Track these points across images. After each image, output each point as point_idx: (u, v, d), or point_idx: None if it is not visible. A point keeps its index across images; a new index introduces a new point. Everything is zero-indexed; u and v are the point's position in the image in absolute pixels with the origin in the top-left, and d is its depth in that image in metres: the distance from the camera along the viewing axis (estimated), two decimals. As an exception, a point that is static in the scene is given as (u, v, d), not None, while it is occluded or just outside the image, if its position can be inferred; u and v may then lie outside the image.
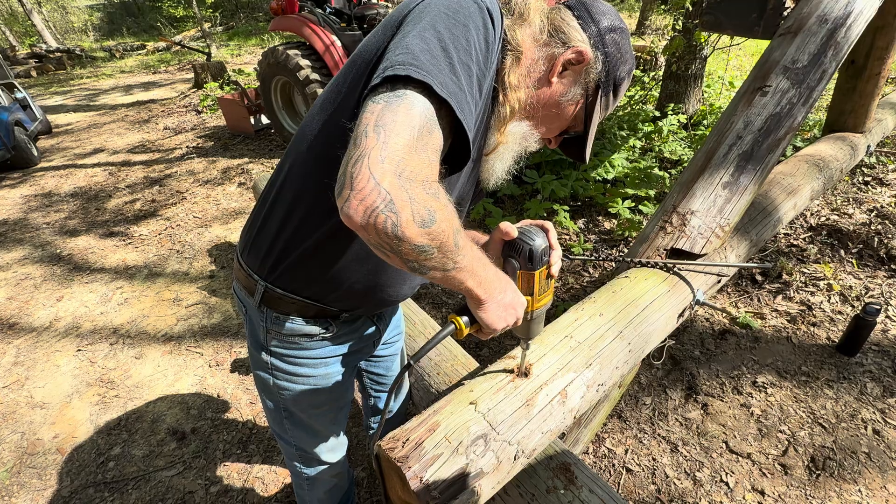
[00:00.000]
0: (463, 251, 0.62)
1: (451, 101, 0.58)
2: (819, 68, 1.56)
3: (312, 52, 4.43)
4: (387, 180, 0.52)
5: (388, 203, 0.52)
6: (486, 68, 0.67)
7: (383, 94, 0.57)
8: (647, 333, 1.24)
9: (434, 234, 0.56)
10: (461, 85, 0.60)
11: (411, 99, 0.56)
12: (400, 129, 0.54)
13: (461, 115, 0.59)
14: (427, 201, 0.55)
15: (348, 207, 0.53)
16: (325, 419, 1.05)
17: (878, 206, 2.96)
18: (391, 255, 0.58)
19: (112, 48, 15.75)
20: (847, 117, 2.63)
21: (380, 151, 0.53)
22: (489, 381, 1.01)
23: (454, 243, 0.60)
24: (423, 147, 0.56)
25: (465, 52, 0.62)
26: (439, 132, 0.59)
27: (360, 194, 0.52)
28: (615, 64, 0.78)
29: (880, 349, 2.06)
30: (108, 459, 1.91)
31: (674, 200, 1.52)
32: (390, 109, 0.55)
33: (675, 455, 1.74)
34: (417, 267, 0.60)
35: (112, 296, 2.98)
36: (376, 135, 0.54)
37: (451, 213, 0.59)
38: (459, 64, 0.61)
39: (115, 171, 5.15)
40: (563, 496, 1.03)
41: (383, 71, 0.58)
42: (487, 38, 0.66)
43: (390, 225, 0.53)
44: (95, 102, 8.79)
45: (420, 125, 0.56)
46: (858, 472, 1.62)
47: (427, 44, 0.59)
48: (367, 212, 0.53)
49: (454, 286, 0.67)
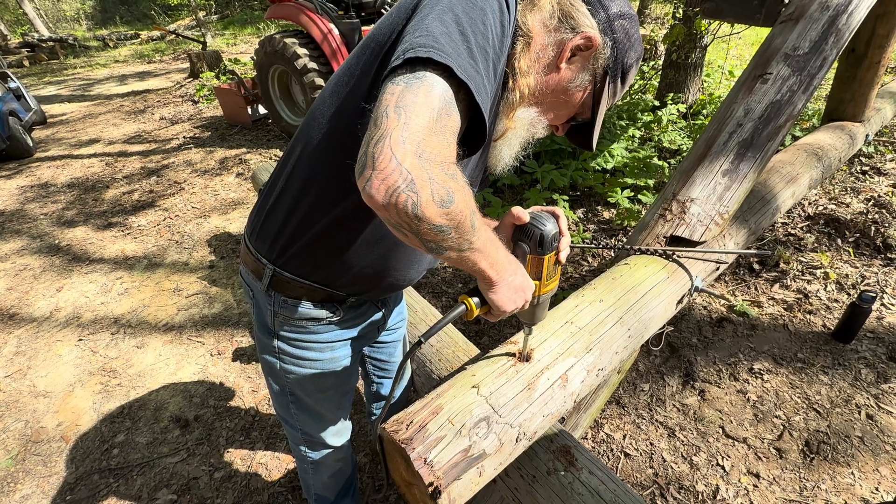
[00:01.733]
0: (478, 232, 0.63)
1: (469, 84, 0.58)
2: (820, 55, 1.56)
3: (310, 40, 4.38)
4: (408, 160, 0.53)
5: (410, 183, 0.53)
6: (501, 52, 0.67)
7: (403, 76, 0.57)
8: (647, 319, 1.26)
9: (452, 215, 0.57)
10: (478, 69, 0.61)
11: (431, 81, 0.57)
12: (420, 110, 0.55)
13: (479, 99, 0.60)
14: (446, 182, 0.56)
15: (370, 187, 0.54)
16: (330, 404, 1.07)
17: (876, 195, 2.98)
18: (410, 234, 0.58)
19: (105, 37, 15.53)
20: (846, 106, 2.63)
21: (401, 132, 0.53)
22: (491, 365, 1.02)
23: (471, 224, 0.61)
24: (442, 129, 0.57)
25: (482, 36, 0.62)
26: (457, 114, 0.59)
27: (383, 174, 0.53)
28: (624, 50, 0.78)
29: (875, 336, 2.08)
30: (112, 447, 1.93)
31: (674, 188, 1.53)
32: (411, 91, 0.56)
33: (672, 440, 1.77)
34: (435, 247, 0.60)
35: (112, 286, 2.98)
36: (397, 115, 0.54)
37: (468, 194, 0.60)
38: (477, 48, 0.61)
39: (112, 162, 5.12)
40: (563, 477, 1.05)
41: (404, 52, 0.58)
42: (503, 22, 0.66)
43: (411, 204, 0.54)
44: (90, 92, 8.69)
45: (439, 107, 0.57)
46: (851, 455, 1.65)
47: (446, 27, 0.59)
48: (388, 191, 0.53)
49: (468, 267, 0.68)
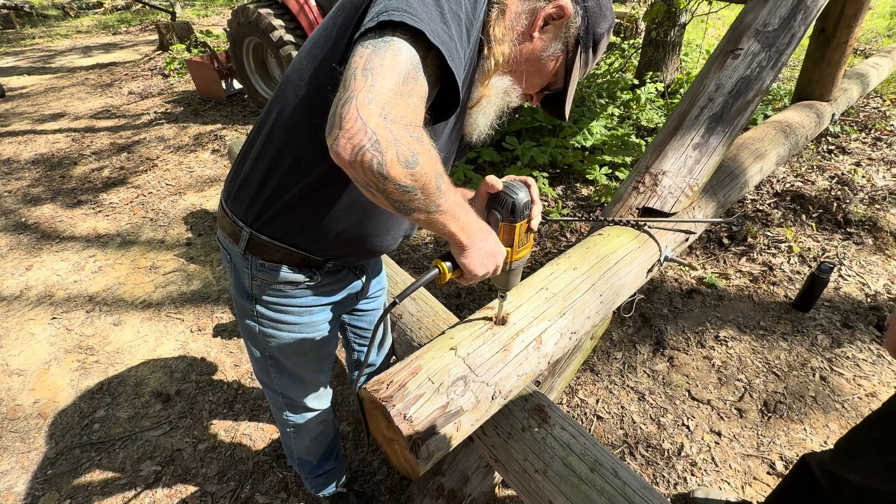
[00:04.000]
0: (445, 195, 0.65)
1: (442, 49, 0.59)
2: (788, 32, 1.60)
3: (285, 11, 4.23)
4: (373, 121, 0.55)
5: (375, 142, 0.55)
6: (475, 18, 0.68)
7: (372, 40, 0.58)
8: (618, 286, 1.31)
9: (417, 176, 0.59)
10: (451, 34, 0.62)
11: (398, 45, 0.58)
12: (387, 73, 0.56)
13: (451, 64, 0.61)
14: (411, 143, 0.58)
15: (337, 145, 0.56)
16: (309, 367, 1.09)
17: (840, 173, 3.11)
18: (377, 194, 0.61)
19: (66, 5, 14.60)
20: (815, 86, 2.72)
21: (367, 94, 0.55)
22: (469, 328, 1.06)
23: (436, 186, 0.63)
24: (409, 92, 0.58)
25: (455, 3, 0.63)
26: (424, 79, 0.61)
27: (348, 133, 0.55)
28: (595, 20, 0.79)
29: (832, 305, 2.21)
30: (92, 422, 1.93)
31: (647, 161, 1.58)
32: (378, 54, 0.57)
33: (642, 403, 1.86)
34: (402, 207, 0.63)
35: (85, 264, 2.91)
36: (364, 78, 0.56)
37: (434, 157, 0.62)
38: (450, 13, 0.62)
39: (79, 138, 4.90)
40: (536, 433, 1.11)
41: (378, 14, 0.59)
42: None
43: (376, 164, 0.56)
44: (52, 64, 8.23)
45: (406, 71, 0.58)
46: (805, 413, 1.77)
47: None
48: (354, 150, 0.55)
49: (438, 230, 0.70)
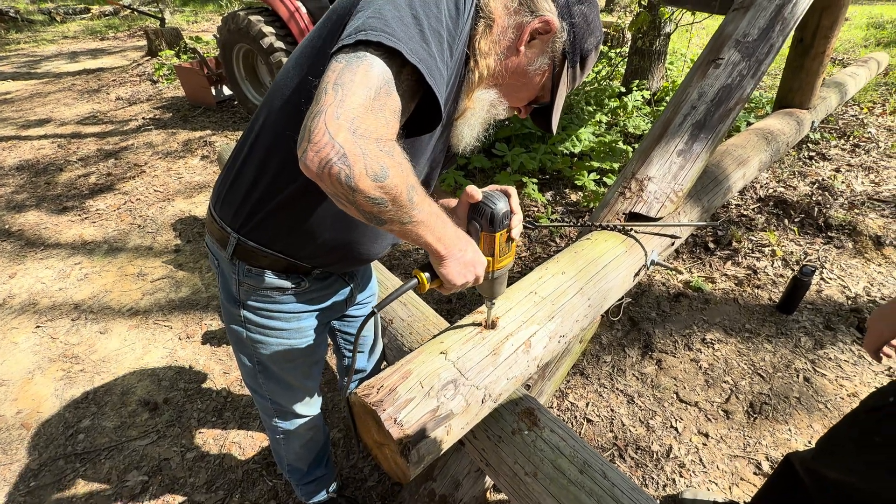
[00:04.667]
0: (418, 206, 0.66)
1: (420, 66, 0.61)
2: (767, 42, 1.65)
3: (276, 18, 4.25)
4: (341, 135, 0.56)
5: (342, 156, 0.56)
6: (457, 33, 0.69)
7: (345, 55, 0.60)
8: (606, 290, 1.34)
9: (387, 188, 0.60)
10: (431, 51, 0.63)
11: (370, 61, 0.59)
12: (357, 89, 0.58)
13: (431, 80, 0.62)
14: (380, 157, 0.59)
15: (305, 158, 0.57)
16: (297, 373, 1.09)
17: (820, 178, 3.19)
18: (348, 205, 0.62)
19: (52, 11, 14.45)
20: (795, 94, 2.79)
21: (336, 108, 0.57)
22: (458, 333, 1.07)
23: (408, 198, 0.63)
24: (381, 107, 0.60)
25: (435, 20, 0.64)
26: (397, 95, 0.62)
27: (316, 146, 0.56)
28: (582, 35, 0.80)
29: (814, 307, 2.26)
30: (77, 432, 1.89)
31: (633, 167, 1.61)
32: (350, 70, 0.59)
33: (631, 406, 1.88)
34: (373, 218, 0.64)
35: (70, 272, 2.87)
36: (335, 92, 0.57)
37: (405, 170, 0.63)
38: (430, 30, 0.63)
39: (65, 144, 4.84)
40: (526, 436, 1.12)
41: (355, 32, 0.60)
42: (458, 5, 0.68)
43: (343, 176, 0.57)
44: (37, 70, 8.13)
45: (377, 86, 0.59)
46: (789, 414, 1.81)
47: (399, 11, 0.61)
48: (321, 163, 0.57)
49: (414, 240, 0.71)
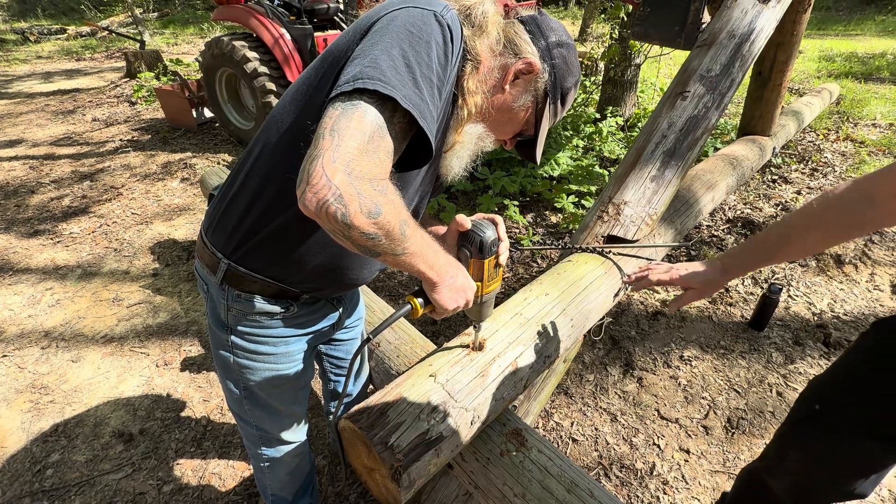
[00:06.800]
0: (411, 239, 0.71)
1: (413, 111, 0.66)
2: (728, 77, 1.78)
3: (260, 44, 4.31)
4: (337, 178, 0.61)
5: (338, 197, 0.61)
6: (445, 78, 0.76)
7: (342, 102, 0.65)
8: (587, 310, 1.38)
9: (381, 224, 0.65)
10: (423, 97, 0.69)
11: (364, 108, 0.65)
12: (353, 133, 0.63)
13: (423, 123, 0.68)
14: (374, 196, 0.64)
15: (304, 198, 0.62)
16: (285, 398, 1.09)
17: (783, 200, 3.37)
18: (344, 240, 0.66)
19: (25, 31, 14.24)
20: (756, 122, 2.99)
21: (332, 153, 0.61)
22: (447, 355, 1.09)
23: (401, 232, 0.68)
24: (374, 150, 0.65)
25: (426, 67, 0.70)
26: (390, 138, 0.67)
27: (314, 188, 0.61)
28: (562, 75, 0.88)
29: (783, 324, 2.36)
30: (45, 467, 1.80)
31: (610, 192, 1.69)
32: (345, 116, 0.64)
33: (614, 424, 1.91)
34: (368, 251, 0.69)
35: (41, 297, 2.77)
36: (331, 138, 0.62)
37: (397, 206, 0.68)
38: (422, 77, 0.69)
39: (38, 165, 4.72)
40: (514, 457, 1.13)
41: (353, 80, 0.65)
42: (447, 52, 0.74)
43: (339, 215, 0.62)
44: (8, 90, 7.95)
45: (371, 131, 0.64)
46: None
47: (393, 61, 0.67)
48: (319, 203, 0.61)
49: (408, 269, 0.76)
